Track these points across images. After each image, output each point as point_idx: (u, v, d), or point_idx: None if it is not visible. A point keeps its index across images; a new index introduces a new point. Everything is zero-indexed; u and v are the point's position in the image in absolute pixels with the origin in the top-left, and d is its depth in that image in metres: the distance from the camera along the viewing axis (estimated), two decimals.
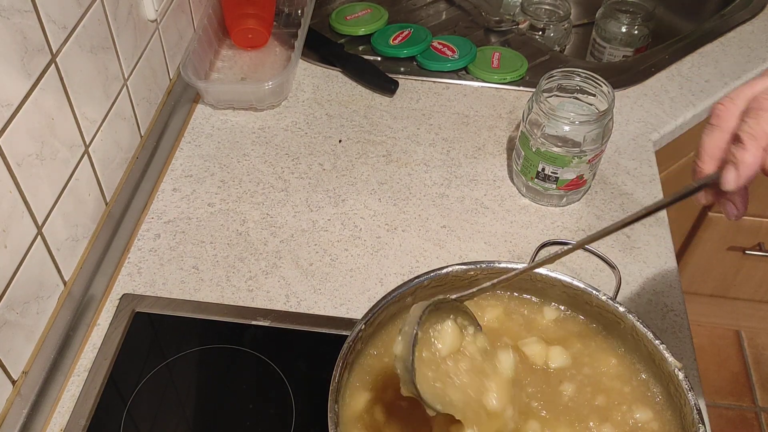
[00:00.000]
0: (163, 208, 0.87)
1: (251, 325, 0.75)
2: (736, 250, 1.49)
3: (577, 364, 0.64)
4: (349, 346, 0.60)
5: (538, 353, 0.64)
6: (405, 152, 0.96)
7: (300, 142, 0.97)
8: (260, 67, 1.08)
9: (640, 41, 1.23)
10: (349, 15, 1.16)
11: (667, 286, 0.81)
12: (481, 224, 0.87)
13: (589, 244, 0.56)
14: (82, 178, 0.75)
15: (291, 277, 0.80)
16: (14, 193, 0.63)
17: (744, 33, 1.17)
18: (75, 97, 0.72)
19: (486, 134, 0.99)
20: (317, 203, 0.89)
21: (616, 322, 0.64)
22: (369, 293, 0.79)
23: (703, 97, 1.05)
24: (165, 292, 0.78)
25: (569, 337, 0.66)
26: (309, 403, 0.69)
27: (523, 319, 0.67)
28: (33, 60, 0.64)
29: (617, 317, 0.63)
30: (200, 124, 0.99)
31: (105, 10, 0.77)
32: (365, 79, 1.05)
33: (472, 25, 1.19)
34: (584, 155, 0.83)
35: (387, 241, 0.85)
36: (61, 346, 0.72)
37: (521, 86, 1.06)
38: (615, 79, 1.06)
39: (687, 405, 0.57)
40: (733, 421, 1.69)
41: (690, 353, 0.75)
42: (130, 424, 0.68)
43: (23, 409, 0.67)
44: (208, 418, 0.69)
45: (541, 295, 0.68)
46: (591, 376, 0.63)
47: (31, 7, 0.63)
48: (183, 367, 0.72)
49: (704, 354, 1.79)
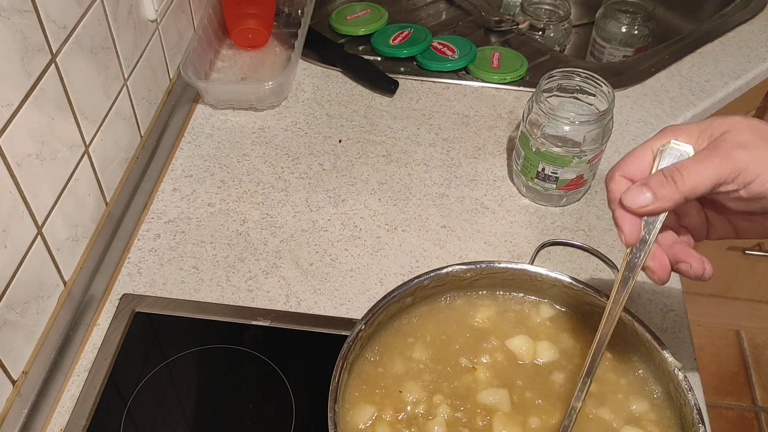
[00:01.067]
0: (163, 208, 0.87)
1: (251, 325, 0.75)
2: (736, 250, 1.49)
3: (568, 356, 0.64)
4: (349, 346, 0.60)
5: (526, 350, 0.64)
6: (405, 152, 0.96)
7: (300, 142, 0.97)
8: (260, 67, 1.08)
9: (640, 41, 1.23)
10: (349, 15, 1.16)
11: (667, 286, 0.81)
12: (481, 224, 0.87)
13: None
14: (82, 178, 0.75)
15: (291, 277, 0.80)
16: (14, 193, 0.63)
17: (744, 33, 1.17)
18: (75, 97, 0.72)
19: (486, 134, 0.99)
20: (317, 203, 0.89)
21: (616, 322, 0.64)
22: (369, 293, 0.79)
23: (703, 97, 1.05)
24: (165, 292, 0.78)
25: (560, 333, 0.66)
26: (309, 403, 0.69)
27: (516, 317, 0.67)
28: (33, 60, 0.64)
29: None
30: (200, 124, 0.99)
31: (105, 10, 0.77)
32: (365, 79, 1.05)
33: (472, 25, 1.19)
34: (584, 155, 0.83)
35: (387, 241, 0.85)
36: (61, 346, 0.72)
37: (521, 86, 1.06)
38: (615, 79, 1.06)
39: (687, 405, 0.57)
40: (733, 421, 1.69)
41: (690, 353, 0.75)
42: (130, 424, 0.68)
43: (23, 409, 0.67)
44: (208, 418, 0.69)
45: (540, 294, 0.68)
46: (581, 366, 0.63)
47: (31, 7, 0.63)
48: (183, 367, 0.72)
49: (704, 354, 1.79)
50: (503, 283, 0.68)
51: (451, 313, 0.67)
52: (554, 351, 0.65)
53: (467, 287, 0.68)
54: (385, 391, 0.61)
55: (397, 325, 0.66)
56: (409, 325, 0.66)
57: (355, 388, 0.61)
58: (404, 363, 0.64)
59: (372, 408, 0.60)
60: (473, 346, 0.65)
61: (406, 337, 0.65)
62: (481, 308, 0.68)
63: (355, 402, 0.61)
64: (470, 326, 0.66)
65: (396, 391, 0.61)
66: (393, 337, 0.65)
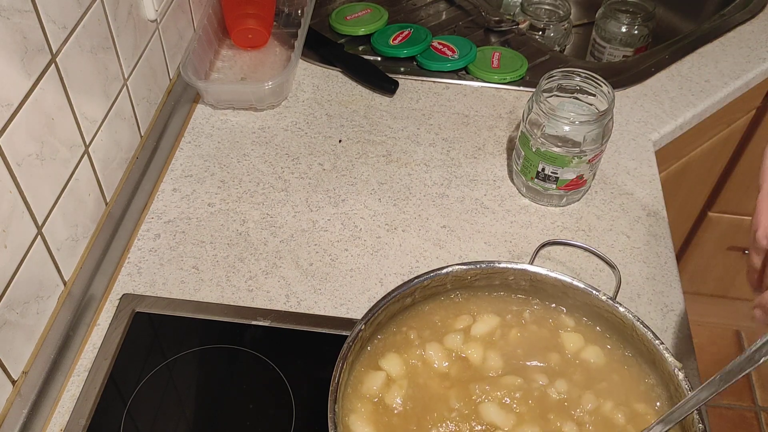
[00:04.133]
0: (163, 208, 0.87)
1: (251, 325, 0.75)
2: (736, 250, 1.49)
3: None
4: (349, 346, 0.60)
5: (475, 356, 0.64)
6: (405, 152, 0.96)
7: (300, 142, 0.97)
8: (260, 67, 1.08)
9: (640, 41, 1.23)
10: (349, 15, 1.16)
11: (667, 286, 0.81)
12: (481, 224, 0.87)
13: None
14: (82, 178, 0.75)
15: (291, 277, 0.80)
16: (14, 193, 0.63)
17: (744, 33, 1.17)
18: (75, 97, 0.72)
19: (486, 134, 0.99)
20: (317, 203, 0.89)
21: (616, 322, 0.64)
22: (369, 293, 0.79)
23: (703, 97, 1.05)
24: (165, 292, 0.78)
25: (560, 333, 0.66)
26: (309, 403, 0.69)
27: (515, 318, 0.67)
28: (33, 60, 0.64)
29: (617, 317, 0.63)
30: (200, 124, 0.99)
31: (105, 10, 0.77)
32: (365, 79, 1.05)
33: (472, 25, 1.19)
34: (584, 155, 0.83)
35: (387, 241, 0.85)
36: (61, 346, 0.72)
37: (521, 86, 1.06)
38: (615, 79, 1.06)
39: None
40: (733, 420, 1.69)
41: (690, 353, 0.75)
42: (130, 424, 0.68)
43: (23, 409, 0.67)
44: (208, 418, 0.69)
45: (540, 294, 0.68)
46: (561, 364, 0.64)
47: (31, 7, 0.63)
48: (183, 367, 0.72)
49: (704, 354, 1.79)
50: (503, 283, 0.68)
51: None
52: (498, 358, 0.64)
53: (467, 287, 0.68)
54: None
55: (397, 325, 0.66)
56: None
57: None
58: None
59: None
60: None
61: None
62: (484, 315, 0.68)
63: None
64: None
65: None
66: (393, 338, 0.65)
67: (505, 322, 0.67)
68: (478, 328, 0.65)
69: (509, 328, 0.66)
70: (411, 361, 0.63)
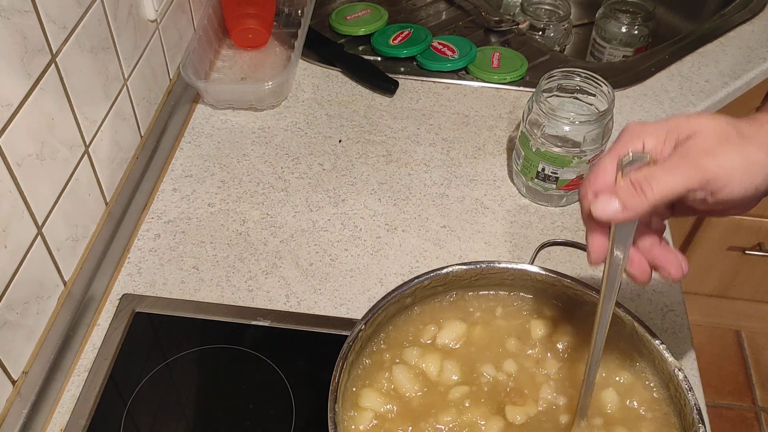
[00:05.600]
0: (163, 208, 0.87)
1: (251, 325, 0.75)
2: (736, 250, 1.49)
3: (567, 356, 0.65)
4: (349, 346, 0.60)
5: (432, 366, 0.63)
6: (405, 152, 0.96)
7: (300, 142, 0.97)
8: (260, 67, 1.08)
9: (640, 41, 1.23)
10: (349, 15, 1.16)
11: (667, 286, 0.81)
12: (481, 224, 0.87)
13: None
14: (82, 178, 0.75)
15: (291, 277, 0.80)
16: (14, 193, 0.63)
17: (744, 33, 1.17)
18: (75, 97, 0.72)
19: (486, 134, 0.99)
20: (317, 203, 0.89)
21: (615, 322, 0.64)
22: (369, 293, 0.79)
23: (703, 97, 1.05)
24: (165, 292, 0.78)
25: (560, 333, 0.66)
26: (309, 403, 0.69)
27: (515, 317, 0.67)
28: (33, 60, 0.64)
29: (617, 317, 0.63)
30: (200, 124, 0.99)
31: (105, 10, 0.77)
32: (365, 79, 1.05)
33: (472, 25, 1.19)
34: (584, 155, 0.83)
35: (387, 241, 0.85)
36: (61, 346, 0.72)
37: (521, 86, 1.06)
38: (615, 79, 1.06)
39: (687, 405, 0.57)
40: (733, 421, 1.69)
41: (690, 353, 0.75)
42: (130, 424, 0.68)
43: (23, 409, 0.67)
44: (208, 418, 0.69)
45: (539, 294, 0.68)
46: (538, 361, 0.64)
47: (31, 7, 0.63)
48: (183, 367, 0.72)
49: (704, 354, 1.79)
50: (503, 283, 0.68)
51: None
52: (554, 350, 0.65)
53: (467, 287, 0.68)
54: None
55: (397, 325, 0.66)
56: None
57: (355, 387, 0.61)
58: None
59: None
60: None
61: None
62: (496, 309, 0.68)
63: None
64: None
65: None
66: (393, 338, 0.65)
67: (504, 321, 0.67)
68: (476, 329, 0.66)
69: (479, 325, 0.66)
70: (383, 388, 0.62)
